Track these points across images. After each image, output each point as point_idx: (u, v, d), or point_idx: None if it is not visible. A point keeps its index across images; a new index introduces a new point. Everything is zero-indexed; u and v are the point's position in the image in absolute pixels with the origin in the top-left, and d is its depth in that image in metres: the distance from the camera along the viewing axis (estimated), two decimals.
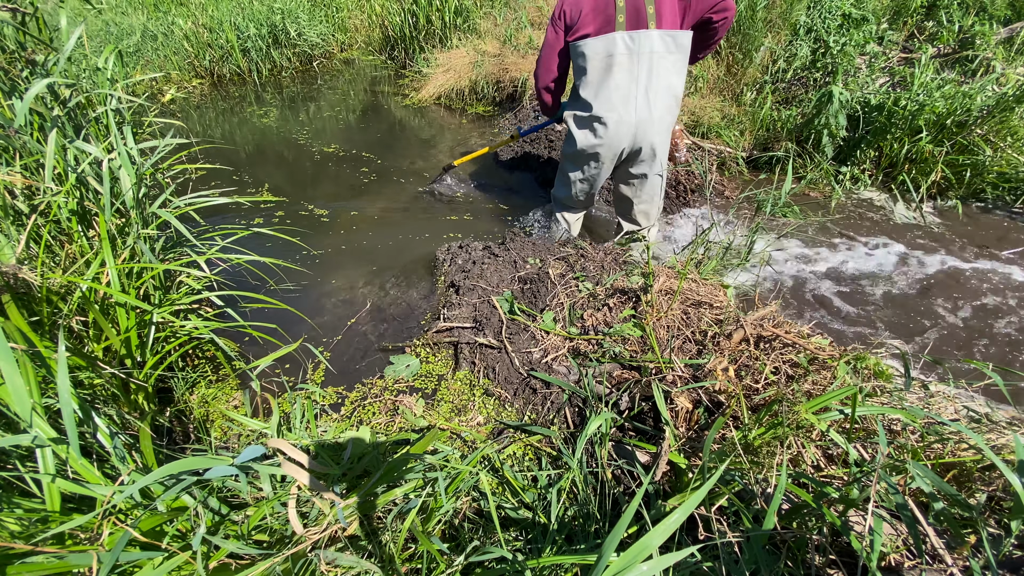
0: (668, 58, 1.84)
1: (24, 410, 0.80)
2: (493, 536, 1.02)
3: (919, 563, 0.87)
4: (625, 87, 1.86)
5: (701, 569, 0.86)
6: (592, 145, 1.98)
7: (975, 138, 2.81)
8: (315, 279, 2.24)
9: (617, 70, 1.83)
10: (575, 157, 2.09)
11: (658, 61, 1.83)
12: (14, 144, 1.43)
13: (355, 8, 5.98)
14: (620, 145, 1.97)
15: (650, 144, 1.98)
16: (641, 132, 1.94)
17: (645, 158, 2.03)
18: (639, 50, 1.80)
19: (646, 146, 1.98)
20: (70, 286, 1.28)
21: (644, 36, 1.79)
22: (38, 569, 0.71)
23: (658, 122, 1.93)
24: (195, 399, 1.60)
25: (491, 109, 4.29)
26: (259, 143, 3.79)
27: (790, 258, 2.53)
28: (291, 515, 0.83)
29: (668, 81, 1.88)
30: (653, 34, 1.79)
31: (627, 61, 1.82)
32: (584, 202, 2.33)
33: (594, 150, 2.00)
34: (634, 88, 1.86)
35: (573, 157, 2.10)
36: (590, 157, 2.05)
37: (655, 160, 2.04)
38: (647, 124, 1.92)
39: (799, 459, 1.06)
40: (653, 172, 2.10)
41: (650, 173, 2.10)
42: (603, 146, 1.97)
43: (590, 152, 2.02)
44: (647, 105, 1.89)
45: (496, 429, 1.43)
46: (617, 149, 1.98)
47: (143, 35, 4.86)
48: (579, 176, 2.16)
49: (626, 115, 1.89)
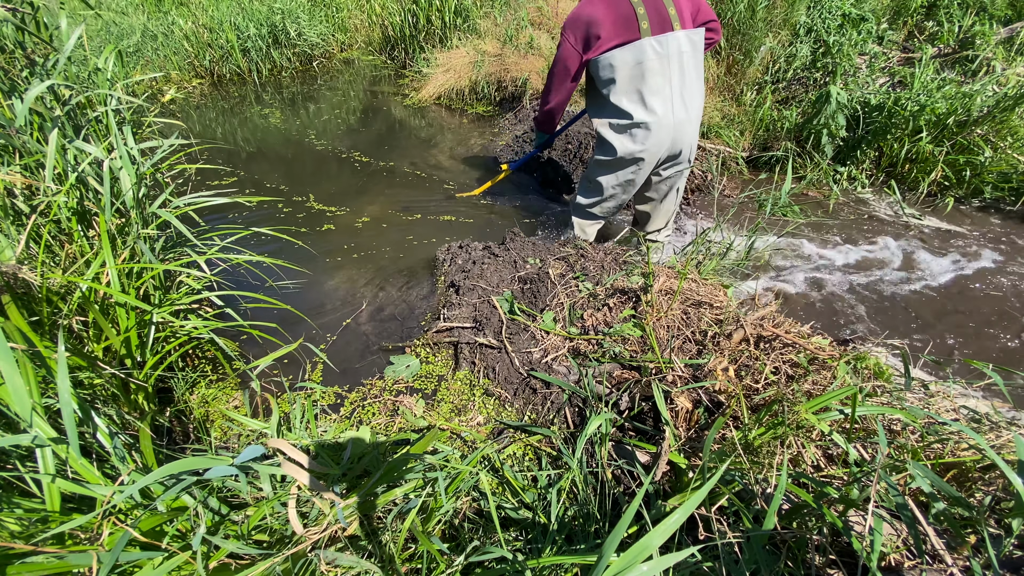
0: (695, 57, 1.85)
1: (24, 410, 0.80)
2: (493, 536, 1.02)
3: (919, 563, 0.87)
4: (661, 91, 1.85)
5: (701, 569, 0.86)
6: (633, 151, 1.94)
7: (975, 138, 2.81)
8: (315, 279, 2.24)
9: (650, 76, 1.82)
10: (612, 165, 2.04)
11: (687, 61, 1.84)
12: (14, 144, 1.43)
13: (355, 8, 5.98)
14: (662, 149, 1.95)
15: (689, 145, 1.98)
16: (679, 134, 1.93)
17: (682, 160, 2.04)
18: (668, 53, 1.80)
19: (685, 147, 1.99)
20: (70, 286, 1.28)
21: (672, 38, 1.78)
22: (38, 569, 0.71)
23: (695, 121, 1.94)
24: (195, 399, 1.60)
25: (491, 109, 4.29)
26: (259, 143, 3.79)
27: (790, 257, 2.53)
28: (291, 515, 0.83)
29: (698, 80, 1.90)
30: (680, 35, 1.79)
31: (658, 65, 1.81)
32: (612, 211, 2.28)
33: (636, 155, 1.96)
34: (668, 90, 1.86)
35: (610, 165, 2.04)
36: (630, 163, 2.00)
37: (689, 162, 2.06)
38: (685, 125, 1.92)
39: (799, 459, 1.06)
40: (683, 172, 2.10)
41: (680, 173, 2.11)
42: (646, 151, 1.94)
43: (630, 159, 1.97)
44: (684, 106, 1.89)
45: (496, 429, 1.42)
46: (659, 153, 1.96)
47: (143, 35, 4.86)
48: (614, 182, 2.10)
49: (665, 119, 1.88)
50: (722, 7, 3.46)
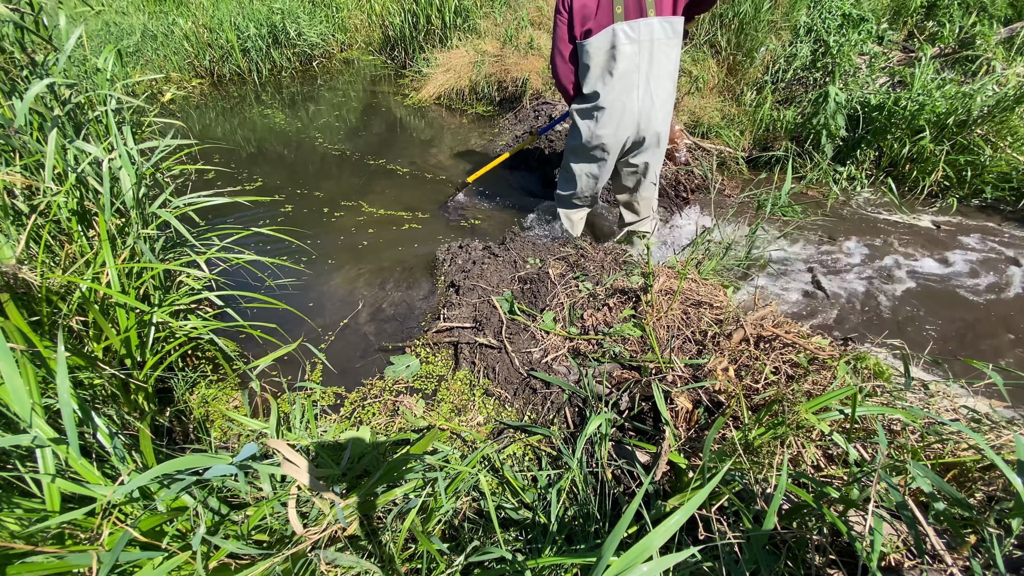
0: (668, 44, 1.84)
1: (24, 410, 0.80)
2: (493, 536, 1.02)
3: (919, 563, 0.87)
4: (628, 77, 1.86)
5: (701, 569, 0.86)
6: (597, 136, 1.98)
7: (975, 138, 2.81)
8: (315, 279, 2.24)
9: (620, 60, 1.83)
10: (580, 150, 2.09)
11: (658, 48, 1.83)
12: (14, 144, 1.43)
13: (355, 8, 5.98)
14: (625, 134, 1.97)
15: (654, 132, 1.99)
16: (644, 121, 1.94)
17: (649, 146, 2.05)
18: (639, 38, 1.80)
19: (650, 134, 1.99)
20: (70, 286, 1.28)
21: (644, 24, 1.78)
22: (38, 569, 0.71)
23: (660, 109, 1.93)
24: (195, 399, 1.60)
25: (491, 109, 4.29)
26: (259, 143, 3.79)
27: (790, 258, 2.53)
28: (291, 515, 0.82)
29: (668, 68, 1.89)
30: (653, 22, 1.78)
31: (629, 50, 1.82)
32: (589, 198, 2.32)
33: (599, 141, 2.00)
34: (636, 77, 1.86)
35: (578, 150, 2.10)
36: (595, 148, 2.04)
37: (658, 147, 2.06)
38: (650, 112, 1.92)
39: (799, 459, 1.06)
40: (655, 159, 2.11)
41: (652, 160, 2.11)
42: (608, 136, 1.97)
43: (595, 143, 2.01)
44: (649, 93, 1.89)
45: (496, 429, 1.42)
46: (622, 138, 1.99)
47: (143, 35, 4.86)
48: (584, 169, 2.16)
49: (630, 104, 1.90)
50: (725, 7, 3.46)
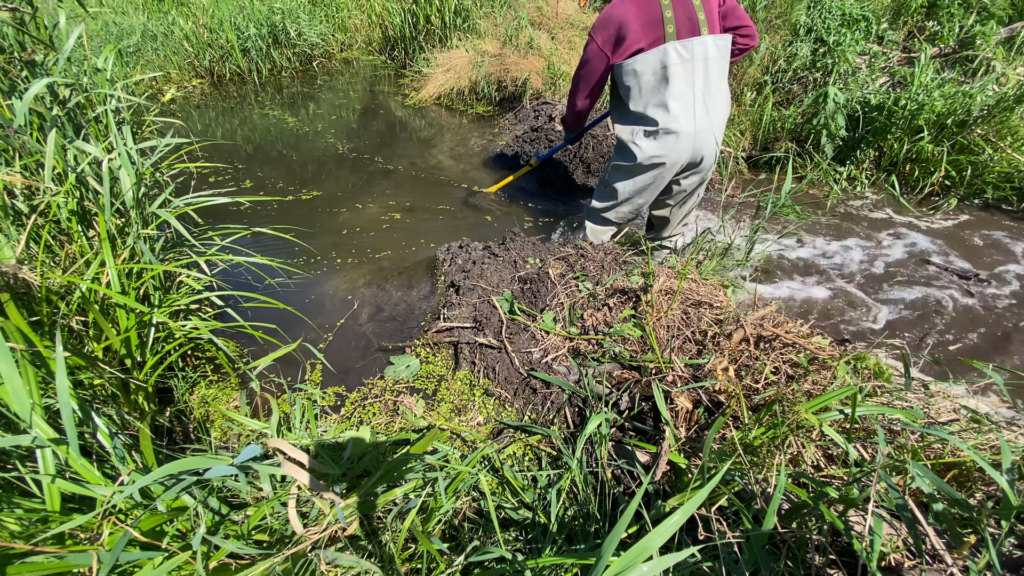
0: (721, 62, 1.81)
1: (23, 410, 0.80)
2: (493, 536, 1.02)
3: (919, 563, 0.87)
4: (684, 97, 1.81)
5: (701, 569, 0.86)
6: (652, 158, 1.90)
7: (975, 138, 2.81)
8: (315, 279, 2.24)
9: (674, 81, 1.77)
10: (631, 170, 2.00)
11: (713, 66, 1.79)
12: (14, 144, 1.43)
13: (355, 8, 5.97)
14: (683, 156, 1.91)
15: (710, 153, 1.93)
16: (700, 141, 1.88)
17: (703, 168, 1.99)
18: (693, 58, 1.75)
19: (707, 155, 1.93)
20: (70, 286, 1.28)
21: (698, 43, 1.73)
22: (38, 569, 0.71)
23: (717, 129, 1.89)
24: (195, 399, 1.60)
25: (491, 109, 4.29)
26: (259, 143, 3.79)
27: (790, 258, 2.53)
28: (291, 515, 0.83)
29: (722, 87, 1.85)
30: (707, 40, 1.74)
31: (682, 71, 1.76)
32: (628, 217, 2.23)
33: (657, 162, 1.92)
34: (691, 96, 1.81)
35: (628, 170, 2.00)
36: (649, 169, 1.96)
37: (709, 169, 2.01)
38: (707, 133, 1.87)
39: (799, 459, 1.06)
40: (706, 179, 2.07)
41: (703, 180, 2.07)
42: (666, 157, 1.90)
43: (649, 164, 1.93)
44: (706, 112, 1.84)
45: (496, 429, 1.42)
46: (680, 161, 1.92)
47: (143, 35, 4.86)
48: (631, 188, 2.05)
49: (687, 126, 1.83)
50: None
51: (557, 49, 4.24)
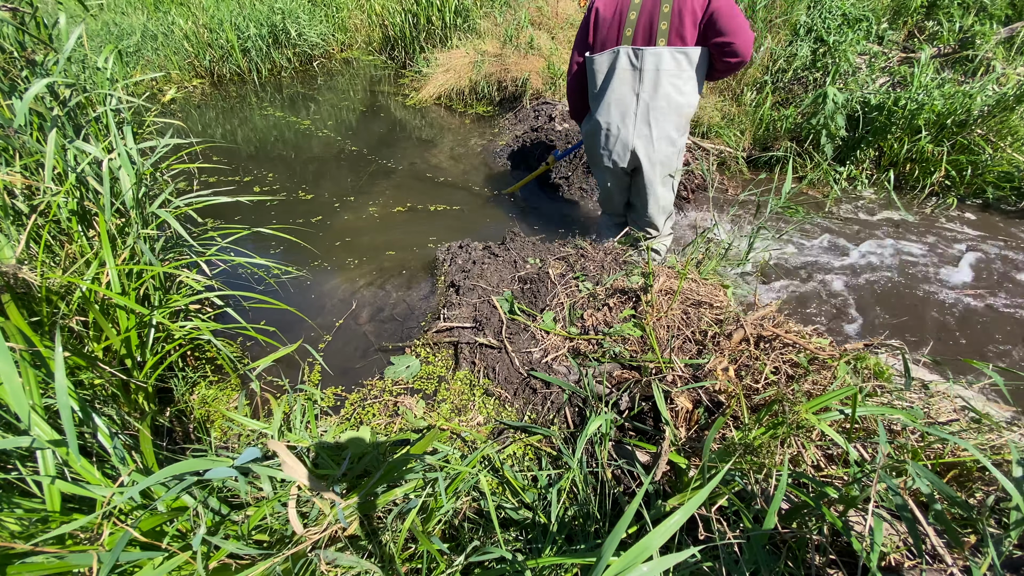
0: (679, 76, 1.77)
1: (23, 410, 0.80)
2: (493, 536, 1.02)
3: (919, 563, 0.87)
4: (624, 103, 1.82)
5: (701, 569, 0.86)
6: (595, 155, 2.01)
7: (975, 138, 2.81)
8: (315, 279, 2.24)
9: (617, 84, 1.79)
10: (591, 161, 2.14)
11: (665, 78, 1.77)
12: (14, 144, 1.43)
13: (355, 8, 5.98)
14: (620, 157, 1.96)
15: (651, 160, 1.93)
16: (641, 150, 1.89)
17: (648, 175, 1.99)
18: (643, 67, 1.75)
19: (646, 163, 1.94)
20: (70, 286, 1.28)
21: (650, 53, 1.73)
22: (38, 569, 0.71)
23: (658, 140, 1.87)
24: (195, 399, 1.60)
25: (491, 109, 4.29)
26: (259, 143, 3.79)
27: (790, 257, 2.53)
28: (291, 515, 0.82)
29: (675, 100, 1.80)
30: (663, 51, 1.72)
31: (629, 76, 1.77)
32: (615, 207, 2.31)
33: (595, 159, 2.03)
34: (634, 104, 1.82)
35: (591, 162, 2.15)
36: (595, 163, 2.09)
37: (657, 176, 2.01)
38: (647, 142, 1.87)
39: (799, 459, 1.06)
40: (656, 187, 2.06)
41: (653, 189, 2.06)
42: (604, 157, 1.97)
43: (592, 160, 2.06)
44: (646, 123, 1.84)
45: (496, 429, 1.42)
46: (619, 161, 1.97)
47: (143, 35, 4.86)
48: (600, 179, 2.19)
49: (623, 132, 1.87)
50: None
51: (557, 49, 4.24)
